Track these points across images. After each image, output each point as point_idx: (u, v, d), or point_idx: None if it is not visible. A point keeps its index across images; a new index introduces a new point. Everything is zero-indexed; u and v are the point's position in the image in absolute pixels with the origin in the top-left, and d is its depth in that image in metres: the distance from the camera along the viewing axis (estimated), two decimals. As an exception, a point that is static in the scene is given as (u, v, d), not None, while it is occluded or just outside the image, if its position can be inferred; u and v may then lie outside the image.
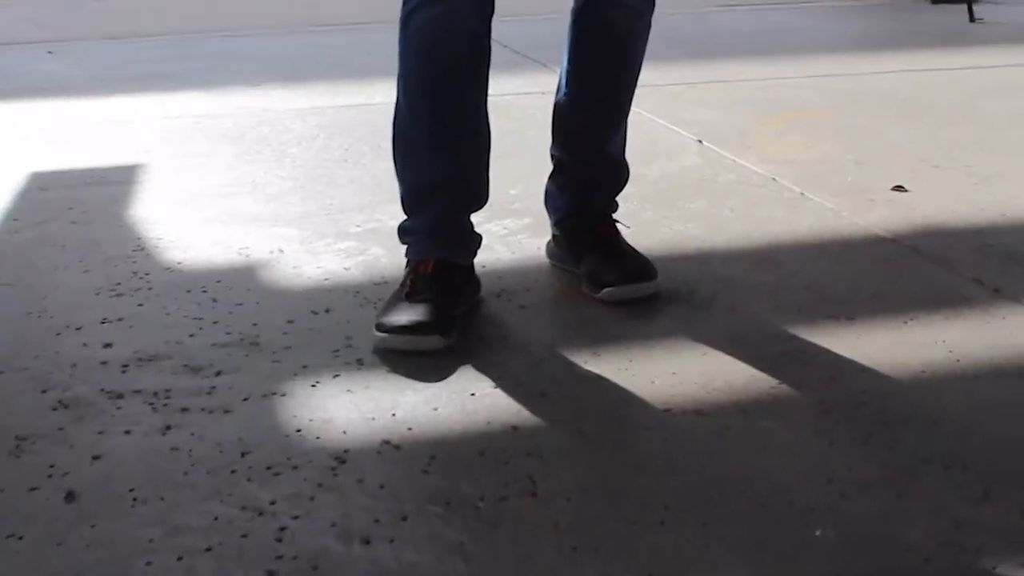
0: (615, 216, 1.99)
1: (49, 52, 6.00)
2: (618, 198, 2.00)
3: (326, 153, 3.11)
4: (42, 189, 2.85)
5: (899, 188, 2.51)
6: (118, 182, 2.88)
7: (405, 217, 1.85)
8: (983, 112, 3.45)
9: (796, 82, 4.00)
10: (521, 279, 2.03)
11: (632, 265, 1.88)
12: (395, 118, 1.79)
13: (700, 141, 3.05)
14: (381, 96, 3.97)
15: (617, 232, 1.95)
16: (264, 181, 2.80)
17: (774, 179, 2.64)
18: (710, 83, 3.91)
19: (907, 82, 3.97)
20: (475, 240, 1.85)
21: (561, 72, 1.93)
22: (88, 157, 3.18)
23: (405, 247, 1.85)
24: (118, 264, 2.18)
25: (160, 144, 3.35)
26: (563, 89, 1.93)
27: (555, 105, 1.95)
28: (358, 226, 2.38)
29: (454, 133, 1.76)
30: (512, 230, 2.28)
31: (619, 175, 1.99)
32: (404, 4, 1.72)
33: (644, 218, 2.25)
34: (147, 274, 2.12)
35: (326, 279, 2.06)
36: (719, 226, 2.29)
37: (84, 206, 2.63)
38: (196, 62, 5.34)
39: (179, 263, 2.18)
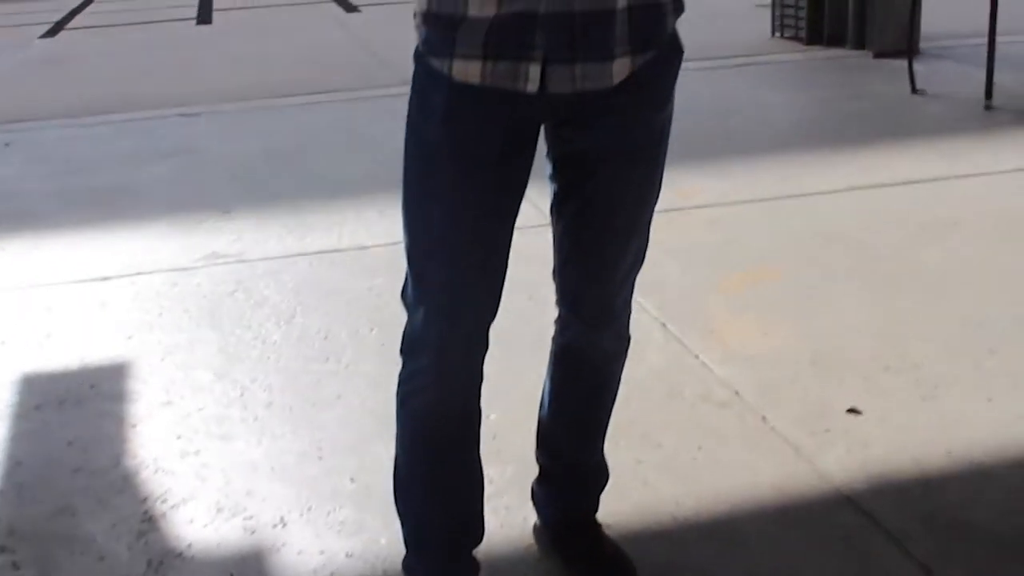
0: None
1: (6, 144, 6.03)
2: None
3: (307, 346, 3.23)
4: (37, 408, 2.97)
5: (853, 411, 2.69)
6: (106, 396, 3.00)
7: (406, 550, 2.00)
8: (927, 262, 3.64)
9: (747, 212, 4.18)
10: (510, 568, 2.19)
11: (615, 571, 2.06)
12: (395, 466, 1.93)
13: (664, 325, 3.21)
14: (347, 238, 4.11)
15: (600, 535, 2.13)
16: (252, 399, 2.93)
17: (736, 393, 2.81)
18: (666, 211, 4.07)
19: (853, 211, 4.16)
20: (475, 570, 2.01)
21: (544, 389, 2.09)
22: (68, 347, 3.29)
23: None
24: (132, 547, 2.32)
25: (139, 326, 3.46)
26: (546, 407, 2.09)
27: (539, 418, 2.11)
28: (352, 480, 2.52)
29: (452, 487, 1.92)
30: (497, 486, 2.43)
31: (601, 477, 2.16)
32: (400, 383, 1.86)
33: (617, 463, 2.40)
34: (161, 563, 2.26)
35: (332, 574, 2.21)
36: (690, 478, 2.46)
37: (83, 442, 2.75)
38: (160, 165, 5.43)
39: (190, 547, 2.31)
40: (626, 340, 2.00)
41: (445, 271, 1.75)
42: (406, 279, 1.81)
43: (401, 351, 1.83)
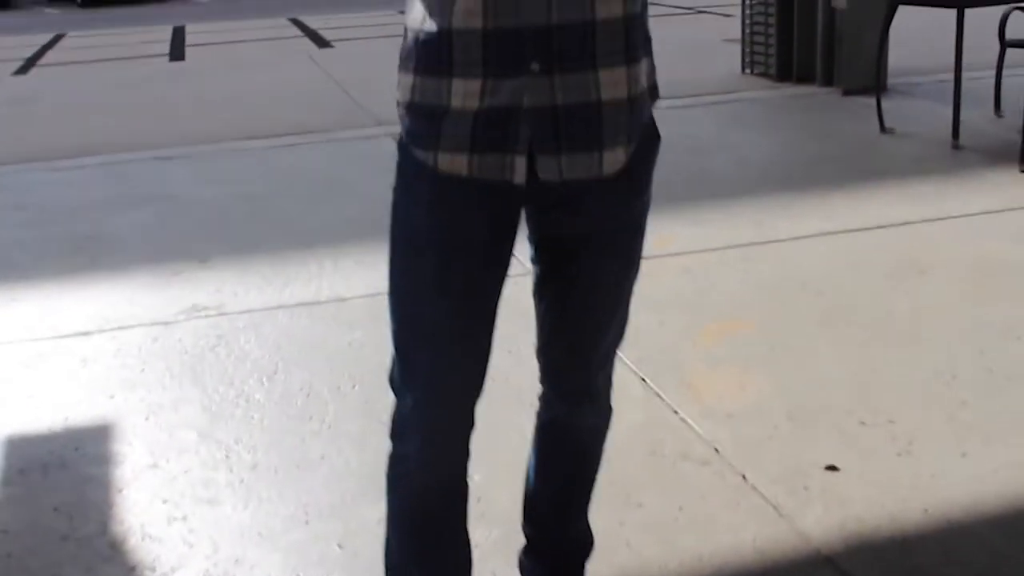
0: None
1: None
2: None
3: (290, 404, 3.26)
4: (21, 472, 2.98)
5: (831, 468, 2.74)
6: (90, 459, 3.01)
7: None
8: (897, 310, 3.71)
9: (722, 259, 4.24)
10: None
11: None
12: (387, 547, 1.96)
13: (644, 380, 3.26)
14: (326, 290, 4.14)
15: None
16: (237, 461, 2.95)
17: (716, 450, 2.86)
18: (644, 260, 4.13)
19: (825, 257, 4.23)
20: None
21: (529, 463, 2.13)
22: (50, 408, 3.31)
23: None
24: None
25: (122, 384, 3.47)
26: (531, 481, 2.13)
27: (525, 491, 2.15)
28: (340, 546, 2.55)
29: (443, 566, 1.95)
30: (483, 550, 2.46)
31: (587, 546, 2.20)
32: (389, 466, 1.89)
33: (600, 524, 2.43)
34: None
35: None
36: (673, 540, 2.50)
37: (69, 508, 2.76)
38: (137, 212, 5.44)
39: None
40: (608, 413, 2.04)
41: (432, 357, 1.79)
42: (392, 362, 1.84)
43: (390, 435, 1.87)
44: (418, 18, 1.70)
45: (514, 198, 1.75)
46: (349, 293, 4.09)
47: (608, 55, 1.67)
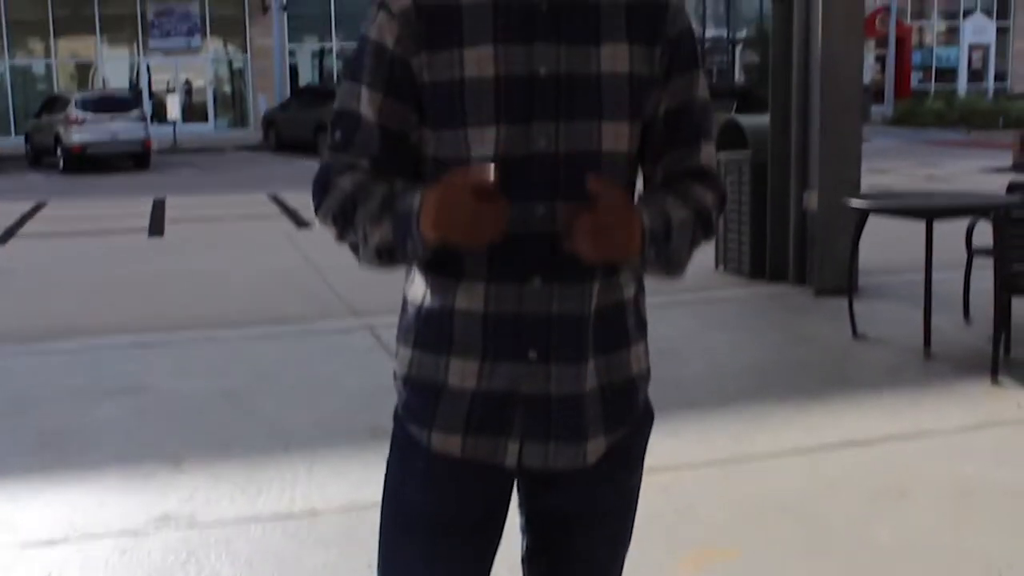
0: None
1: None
2: None
3: (261, 634, 3.17)
4: None
5: None
6: None
7: None
8: (878, 542, 3.68)
9: (700, 477, 4.22)
10: None
11: None
12: None
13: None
14: (300, 501, 4.08)
15: None
16: None
17: None
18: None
19: (804, 476, 4.21)
20: None
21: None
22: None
23: None
24: None
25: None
26: None
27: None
28: None
29: None
30: None
31: None
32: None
33: None
34: None
35: None
36: None
37: None
38: (110, 404, 5.38)
39: None
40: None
41: None
42: None
43: None
44: (419, 293, 1.72)
45: (506, 477, 1.75)
46: (323, 506, 4.03)
47: (603, 343, 1.69)
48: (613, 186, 1.58)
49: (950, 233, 6.63)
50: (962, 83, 37.03)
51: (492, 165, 1.50)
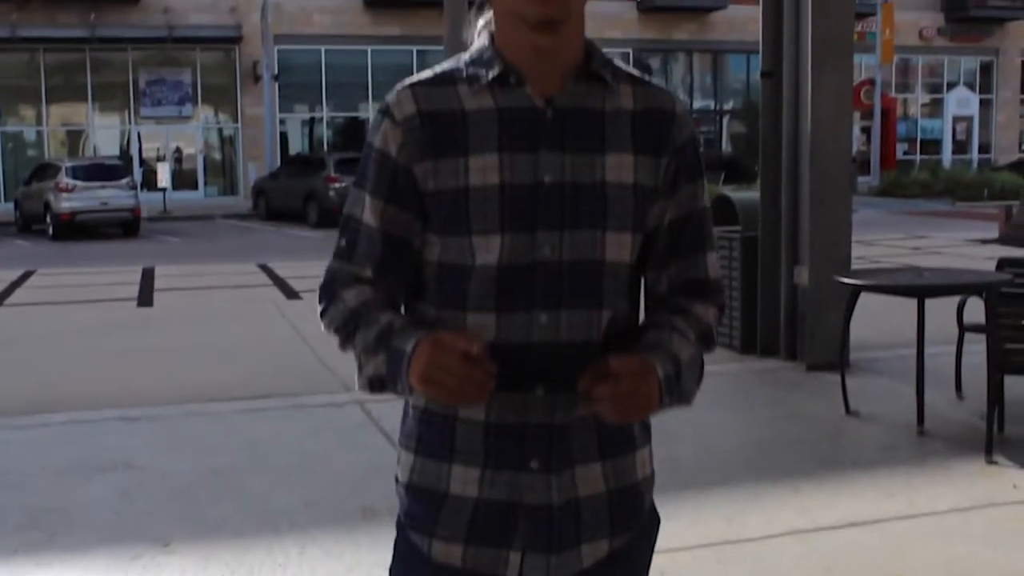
0: None
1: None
2: None
3: None
4: None
5: None
6: None
7: None
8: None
9: (694, 561, 4.18)
10: None
11: None
12: None
13: None
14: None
15: None
16: None
17: None
18: None
19: (798, 561, 4.18)
20: None
21: None
22: None
23: None
24: None
25: None
26: None
27: None
28: None
29: None
30: None
31: None
32: None
33: None
34: None
35: None
36: None
37: None
38: (98, 482, 5.33)
39: None
40: None
41: None
42: None
43: None
44: (422, 399, 1.71)
45: (506, 582, 1.72)
46: (315, 590, 3.98)
47: (609, 449, 1.68)
48: (626, 359, 1.59)
49: (941, 307, 6.64)
50: (947, 154, 37.44)
51: (482, 341, 1.53)
